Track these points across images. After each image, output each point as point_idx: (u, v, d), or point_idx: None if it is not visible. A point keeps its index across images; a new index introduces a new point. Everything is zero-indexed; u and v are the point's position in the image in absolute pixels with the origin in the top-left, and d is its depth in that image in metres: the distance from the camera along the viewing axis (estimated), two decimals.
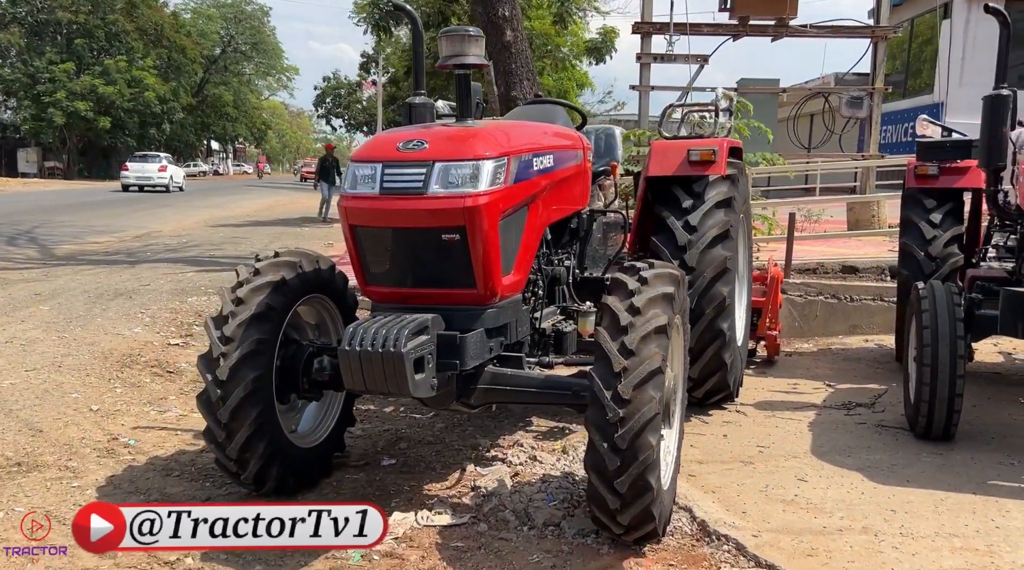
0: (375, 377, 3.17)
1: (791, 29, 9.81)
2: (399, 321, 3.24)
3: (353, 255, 3.53)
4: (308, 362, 3.85)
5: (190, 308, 7.85)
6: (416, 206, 3.32)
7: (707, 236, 4.70)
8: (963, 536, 3.49)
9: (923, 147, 5.97)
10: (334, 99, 63.80)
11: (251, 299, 3.65)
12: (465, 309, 3.47)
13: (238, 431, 3.59)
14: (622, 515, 3.18)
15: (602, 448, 3.08)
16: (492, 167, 3.35)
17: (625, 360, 3.09)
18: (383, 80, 49.97)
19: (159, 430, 4.83)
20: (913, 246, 5.84)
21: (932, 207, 5.88)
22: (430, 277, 3.44)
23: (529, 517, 3.68)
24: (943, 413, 4.37)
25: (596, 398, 3.10)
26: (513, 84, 8.86)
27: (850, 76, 25.70)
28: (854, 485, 4.02)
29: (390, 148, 3.44)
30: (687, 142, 4.95)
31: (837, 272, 8.02)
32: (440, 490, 4.03)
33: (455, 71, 3.59)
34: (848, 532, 3.53)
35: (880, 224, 10.03)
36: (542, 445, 4.61)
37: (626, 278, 3.34)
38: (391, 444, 4.69)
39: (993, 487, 3.97)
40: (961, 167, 5.87)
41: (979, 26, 21.44)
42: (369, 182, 3.40)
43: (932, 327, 4.35)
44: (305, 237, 14.90)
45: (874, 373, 6.26)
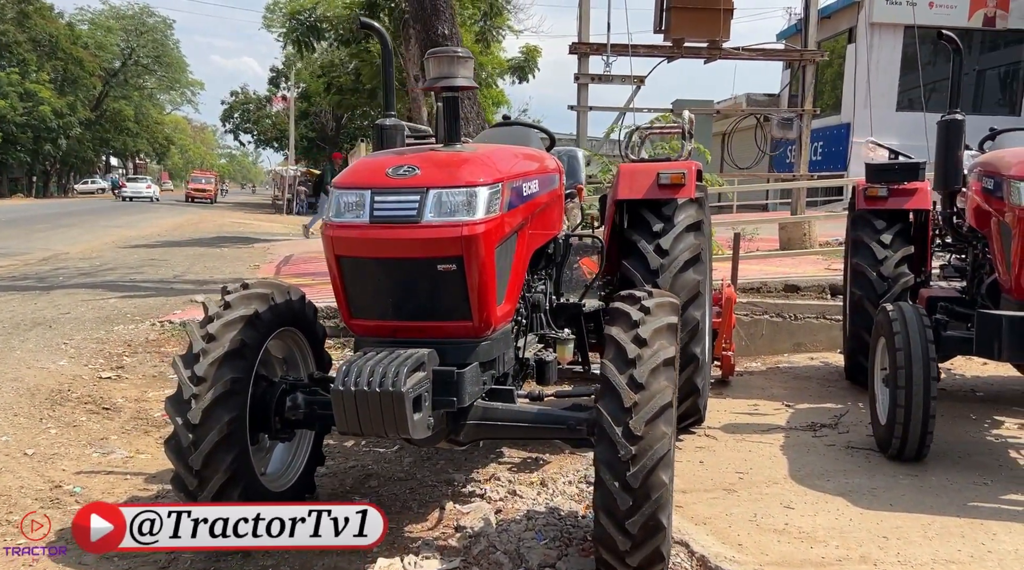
0: (372, 418, 2.97)
1: (724, 51, 9.98)
2: (395, 357, 3.05)
3: (338, 286, 3.32)
4: (280, 400, 3.62)
5: (117, 337, 7.39)
6: (410, 235, 3.14)
7: (679, 260, 4.65)
8: (959, 562, 3.49)
9: (872, 169, 6.08)
10: (242, 114, 62.37)
11: (223, 335, 3.40)
12: (459, 342, 3.30)
13: (211, 478, 3.32)
14: (632, 557, 3.05)
15: (613, 487, 2.95)
16: (488, 194, 3.20)
17: (635, 394, 2.97)
18: (294, 95, 49.10)
19: (105, 474, 4.47)
20: (865, 266, 5.93)
21: (882, 228, 5.99)
22: (423, 309, 3.26)
23: (523, 558, 3.52)
24: (917, 434, 4.40)
25: (605, 435, 2.98)
26: None
27: (760, 96, 26.62)
28: (840, 511, 3.99)
29: (379, 174, 3.25)
30: (655, 165, 4.90)
31: (780, 291, 8.13)
32: (422, 531, 3.83)
33: (443, 94, 3.43)
34: (848, 562, 3.48)
35: (812, 243, 10.27)
36: (519, 478, 4.46)
37: (627, 308, 3.23)
38: (360, 482, 4.45)
39: (974, 509, 4.00)
40: (909, 189, 6.00)
41: (881, 51, 22.52)
42: (357, 210, 3.20)
43: (905, 349, 4.38)
44: (228, 258, 14.36)
45: (827, 392, 6.32)
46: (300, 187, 44.47)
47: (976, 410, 5.77)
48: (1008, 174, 4.34)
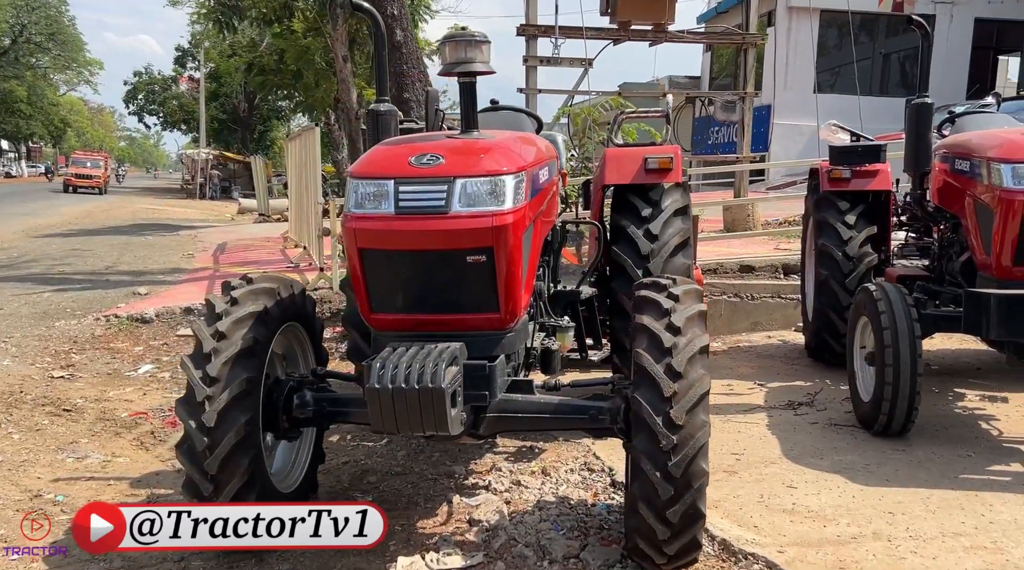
0: (410, 416, 2.89)
1: (670, 34, 10.06)
2: (428, 352, 2.96)
3: (360, 280, 3.20)
4: (288, 398, 3.49)
5: (61, 334, 7.04)
6: (438, 227, 3.04)
7: (670, 244, 4.64)
8: (967, 534, 3.60)
9: (835, 151, 6.21)
10: (147, 95, 60.05)
11: (234, 333, 3.25)
12: (487, 335, 3.23)
13: (228, 483, 3.19)
14: (670, 545, 3.05)
15: (655, 477, 2.94)
16: (514, 183, 3.13)
17: (674, 384, 2.95)
18: (203, 75, 47.39)
19: (85, 481, 4.25)
20: (831, 247, 6.06)
21: (846, 209, 6.13)
22: (449, 302, 3.17)
23: (546, 551, 3.49)
24: (904, 410, 4.53)
25: (645, 425, 2.95)
26: (405, 86, 8.53)
27: (682, 79, 26.99)
28: (842, 489, 4.08)
29: (401, 163, 3.13)
30: (641, 149, 4.87)
31: (736, 271, 8.27)
32: (435, 527, 3.76)
33: (460, 79, 3.32)
34: (863, 539, 3.56)
35: (755, 224, 10.48)
36: (520, 467, 4.41)
37: (655, 295, 3.20)
38: (357, 478, 4.34)
39: (966, 481, 4.15)
40: (871, 170, 6.14)
41: (799, 34, 23.05)
42: (380, 201, 3.09)
43: (892, 328, 4.49)
44: (157, 247, 13.82)
45: (793, 370, 6.46)
46: (213, 171, 43.10)
47: (936, 384, 5.98)
48: (989, 156, 4.48)
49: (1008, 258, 4.37)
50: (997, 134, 4.81)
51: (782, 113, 22.10)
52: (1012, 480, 4.17)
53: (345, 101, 17.91)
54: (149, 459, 4.61)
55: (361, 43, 18.43)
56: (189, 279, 9.65)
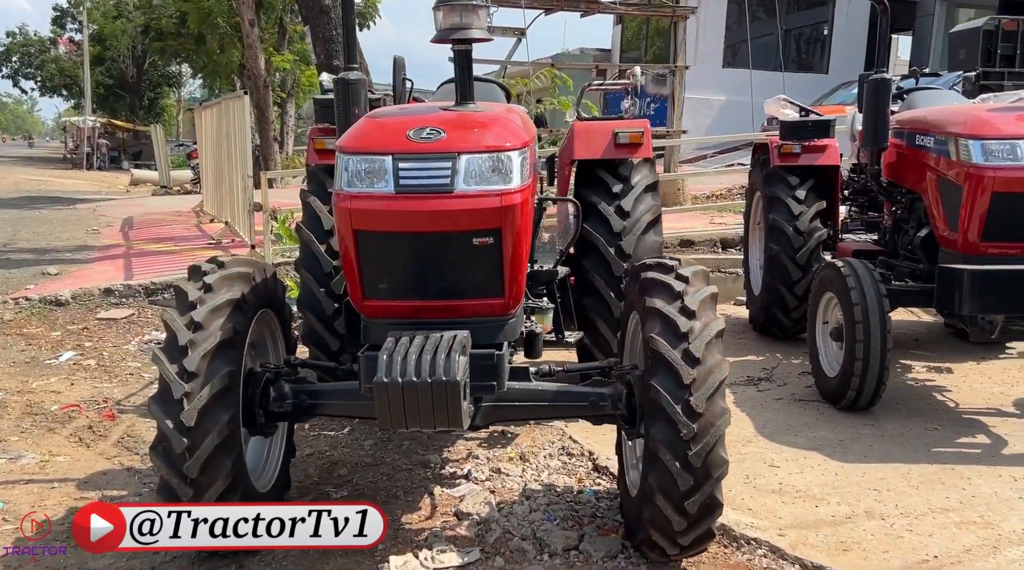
0: (422, 412, 2.69)
1: (602, 5, 9.93)
2: (437, 342, 2.76)
3: (353, 264, 2.95)
4: (264, 391, 3.23)
5: None
6: (443, 207, 2.83)
7: (642, 221, 4.53)
8: (953, 509, 3.64)
9: (786, 127, 6.21)
10: (22, 57, 56.32)
11: (211, 322, 2.97)
12: (490, 321, 3.05)
13: (210, 486, 2.93)
14: (685, 536, 2.96)
15: (674, 468, 2.82)
16: (519, 159, 2.94)
17: (693, 370, 2.84)
18: (86, 37, 44.61)
19: (25, 484, 3.87)
20: (782, 222, 6.07)
21: (796, 184, 6.14)
22: (452, 287, 2.97)
23: (544, 543, 3.35)
24: (873, 386, 4.56)
25: (663, 413, 2.83)
26: (334, 53, 8.14)
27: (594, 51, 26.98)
28: (823, 467, 4.08)
29: (398, 137, 2.90)
30: (610, 123, 4.73)
31: (676, 246, 8.27)
32: (421, 522, 3.57)
33: (455, 47, 3.09)
34: (857, 519, 3.56)
35: (685, 198, 10.52)
36: (496, 454, 4.26)
37: (664, 277, 3.08)
38: (327, 471, 4.10)
39: (940, 455, 4.20)
40: (820, 145, 6.17)
41: (708, 9, 23.34)
42: (377, 178, 2.85)
43: (862, 304, 4.50)
44: (55, 222, 12.94)
45: (742, 345, 6.48)
46: (100, 140, 40.78)
47: None
48: (956, 133, 4.51)
49: (976, 233, 4.42)
50: (962, 110, 4.86)
51: (692, 87, 22.25)
52: (982, 453, 4.25)
53: (252, 67, 17.20)
54: (92, 457, 4.24)
55: (268, 7, 17.64)
56: (101, 257, 9.04)
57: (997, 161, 4.33)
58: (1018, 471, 4.01)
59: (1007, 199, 4.33)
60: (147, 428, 4.67)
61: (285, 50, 19.38)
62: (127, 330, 6.65)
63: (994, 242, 4.44)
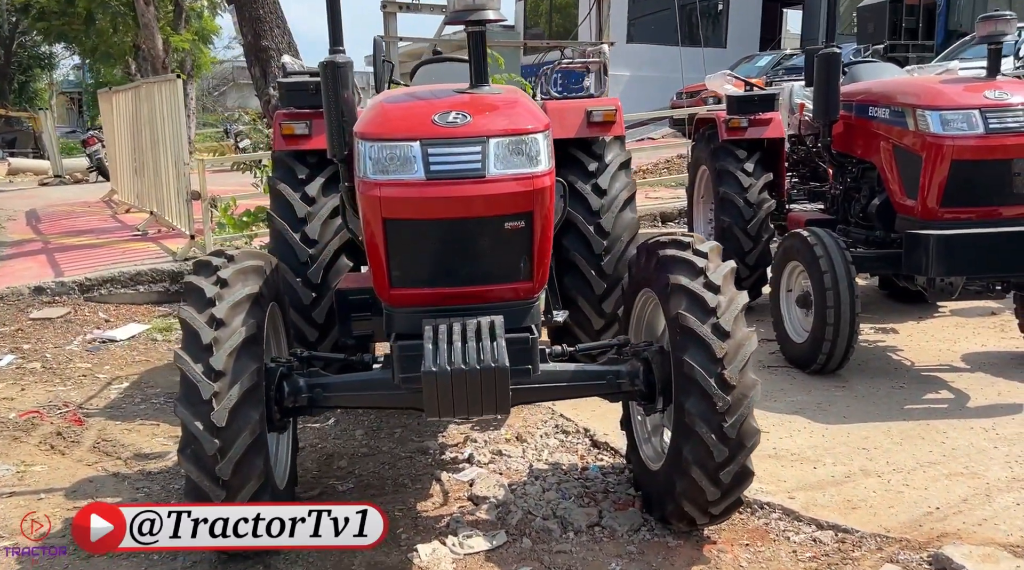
0: (471, 399, 2.69)
1: None
2: (478, 328, 2.75)
3: (381, 253, 2.89)
4: (279, 386, 3.15)
5: None
6: (476, 192, 2.79)
7: (619, 199, 4.59)
8: (938, 463, 3.84)
9: (733, 101, 6.37)
10: None
11: (232, 318, 2.88)
12: (517, 305, 3.04)
13: (242, 487, 2.85)
14: (717, 506, 3.05)
15: (710, 440, 2.89)
16: (545, 142, 2.93)
17: (724, 343, 2.90)
18: None
19: (9, 497, 3.66)
20: (732, 194, 6.23)
21: (744, 157, 6.31)
22: (482, 272, 2.94)
23: (567, 522, 3.38)
24: (843, 349, 4.76)
25: (697, 387, 2.89)
26: (263, 32, 7.86)
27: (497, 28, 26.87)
28: (810, 430, 4.24)
29: (424, 122, 2.84)
30: (581, 102, 4.75)
31: None
32: (437, 509, 3.55)
33: (468, 28, 3.03)
34: (855, 477, 3.72)
35: None
36: (493, 436, 4.26)
37: (683, 254, 3.12)
38: (325, 464, 4.02)
39: (913, 412, 4.43)
40: (765, 119, 6.36)
41: None
42: (406, 165, 2.79)
43: (831, 271, 4.68)
44: None
45: None
46: None
47: None
48: (914, 104, 4.72)
49: (935, 200, 4.65)
50: (916, 83, 5.08)
51: None
52: (949, 407, 4.49)
53: (149, 48, 16.48)
54: (71, 465, 4.04)
55: None
56: (17, 253, 8.53)
57: (954, 130, 4.56)
58: (986, 422, 4.26)
59: (964, 166, 4.57)
60: (121, 431, 4.48)
61: (183, 29, 18.60)
62: (66, 329, 6.32)
63: (951, 208, 4.67)
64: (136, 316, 6.64)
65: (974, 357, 5.31)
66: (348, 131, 3.21)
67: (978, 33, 4.85)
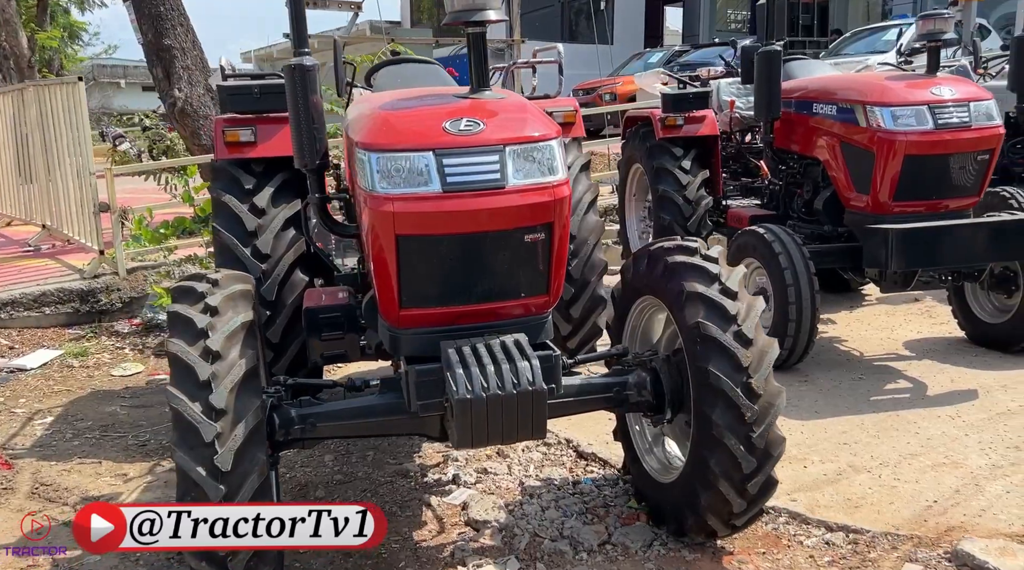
0: (508, 425, 2.52)
1: None
2: (504, 348, 2.58)
3: (390, 272, 2.66)
4: (270, 420, 2.88)
5: None
6: (496, 204, 2.61)
7: (583, 202, 4.49)
8: (919, 453, 3.91)
9: (668, 99, 6.36)
10: None
11: (229, 351, 2.62)
12: (533, 320, 2.87)
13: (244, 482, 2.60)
14: (740, 518, 2.98)
15: (738, 451, 2.81)
16: (560, 149, 2.77)
17: (748, 351, 2.83)
18: None
19: None
20: (672, 193, 6.24)
21: (681, 155, 6.33)
22: (499, 288, 2.76)
23: (578, 542, 3.25)
24: (804, 343, 4.81)
25: (723, 396, 2.80)
26: (164, 31, 7.34)
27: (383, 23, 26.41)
28: (786, 426, 4.06)
29: (435, 130, 2.63)
30: (541, 102, 4.60)
31: None
32: (436, 537, 3.36)
33: (467, 29, 2.84)
34: (847, 474, 3.73)
35: None
36: (471, 454, 4.07)
37: (693, 260, 3.03)
38: (301, 495, 3.75)
39: (880, 403, 4.50)
40: (699, 116, 6.39)
41: None
42: (419, 177, 2.58)
43: (791, 268, 4.72)
44: None
45: None
46: None
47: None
48: (865, 100, 4.80)
49: (887, 195, 4.75)
50: (862, 79, 5.17)
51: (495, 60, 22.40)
52: (911, 397, 4.60)
53: (13, 47, 15.30)
54: (11, 516, 3.62)
55: None
56: None
57: (905, 126, 4.66)
58: (951, 410, 4.37)
59: (915, 161, 4.68)
60: (58, 473, 4.06)
61: (48, 26, 17.36)
62: None
63: (901, 202, 4.79)
64: (44, 340, 6.08)
65: (915, 344, 5.47)
66: (319, 138, 2.99)
67: (917, 31, 4.98)
